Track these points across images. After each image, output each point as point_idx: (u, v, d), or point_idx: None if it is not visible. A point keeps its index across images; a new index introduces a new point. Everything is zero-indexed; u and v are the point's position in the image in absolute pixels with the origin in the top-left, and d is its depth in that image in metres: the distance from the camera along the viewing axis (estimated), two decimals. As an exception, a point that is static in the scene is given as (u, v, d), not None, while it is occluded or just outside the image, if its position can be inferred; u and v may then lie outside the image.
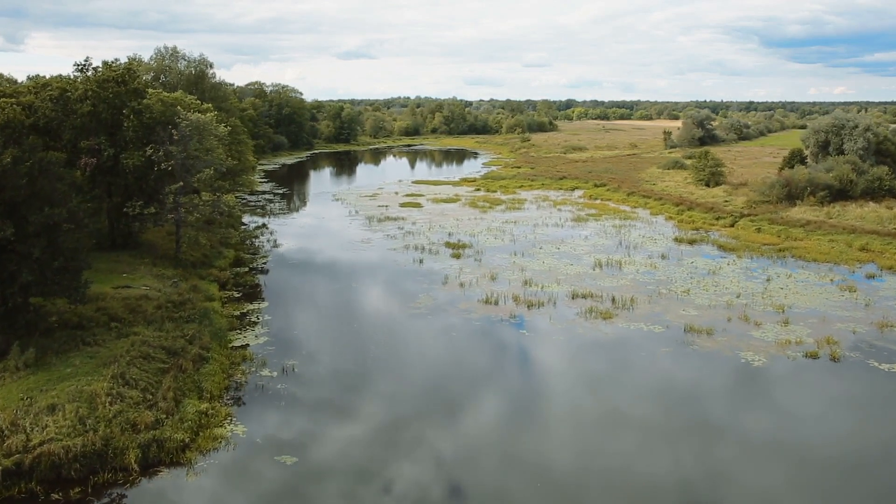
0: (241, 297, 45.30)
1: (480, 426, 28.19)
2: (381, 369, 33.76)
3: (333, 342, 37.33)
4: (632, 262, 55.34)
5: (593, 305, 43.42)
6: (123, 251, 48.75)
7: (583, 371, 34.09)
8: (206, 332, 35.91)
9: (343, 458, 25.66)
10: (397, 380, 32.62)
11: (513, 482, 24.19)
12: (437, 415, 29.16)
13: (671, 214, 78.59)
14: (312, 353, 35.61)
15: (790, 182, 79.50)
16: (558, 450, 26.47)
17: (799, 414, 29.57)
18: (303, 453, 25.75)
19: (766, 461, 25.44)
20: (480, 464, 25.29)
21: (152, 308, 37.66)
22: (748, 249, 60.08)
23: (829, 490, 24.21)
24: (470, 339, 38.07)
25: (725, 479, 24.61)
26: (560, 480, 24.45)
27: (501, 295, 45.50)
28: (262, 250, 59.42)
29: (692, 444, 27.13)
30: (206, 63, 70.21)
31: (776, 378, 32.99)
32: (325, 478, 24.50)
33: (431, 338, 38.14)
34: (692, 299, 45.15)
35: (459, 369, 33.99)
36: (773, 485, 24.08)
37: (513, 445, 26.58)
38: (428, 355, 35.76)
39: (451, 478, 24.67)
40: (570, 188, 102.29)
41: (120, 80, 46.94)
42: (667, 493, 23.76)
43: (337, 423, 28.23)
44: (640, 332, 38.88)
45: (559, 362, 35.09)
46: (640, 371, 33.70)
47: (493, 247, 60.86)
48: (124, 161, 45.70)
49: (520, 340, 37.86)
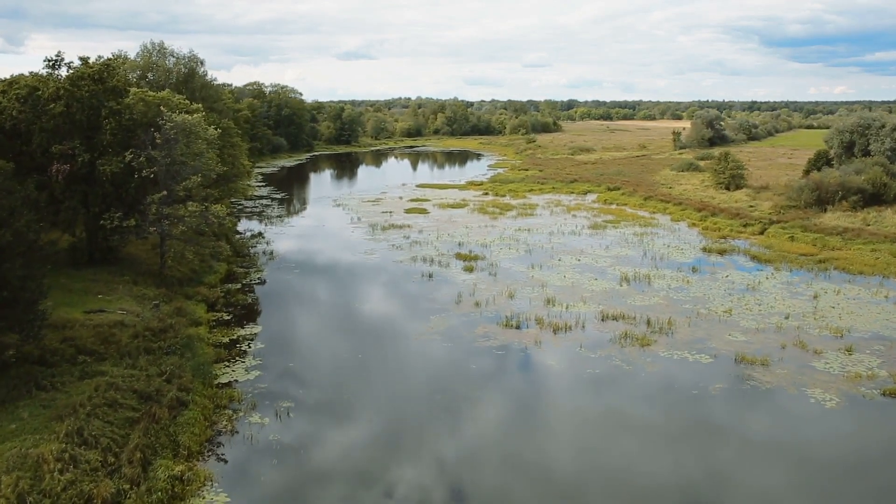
0: (231, 320, 40.45)
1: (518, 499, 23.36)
2: (393, 416, 28.93)
3: (335, 378, 32.48)
4: (661, 275, 50.50)
5: (627, 329, 38.57)
6: (102, 267, 43.92)
7: (630, 420, 29.06)
8: (188, 366, 31.10)
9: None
10: (412, 431, 27.78)
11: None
12: (466, 484, 24.33)
13: (694, 221, 73.72)
14: (311, 393, 30.76)
15: (820, 186, 74.63)
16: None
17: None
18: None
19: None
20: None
21: (127, 337, 32.84)
22: (784, 260, 55.23)
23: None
24: (493, 375, 33.18)
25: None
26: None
27: (522, 316, 40.67)
28: (257, 263, 54.56)
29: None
30: (197, 60, 65.36)
31: (858, 425, 28.11)
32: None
33: (449, 373, 33.24)
34: (736, 321, 40.31)
35: (484, 418, 29.12)
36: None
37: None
38: (447, 397, 30.85)
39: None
40: (583, 192, 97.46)
41: (96, 77, 42.10)
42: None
43: (340, 489, 23.41)
44: (686, 364, 34.02)
45: (600, 408, 29.99)
46: (697, 418, 28.71)
47: (508, 258, 56.03)
48: (101, 167, 40.90)
49: (549, 377, 32.92)
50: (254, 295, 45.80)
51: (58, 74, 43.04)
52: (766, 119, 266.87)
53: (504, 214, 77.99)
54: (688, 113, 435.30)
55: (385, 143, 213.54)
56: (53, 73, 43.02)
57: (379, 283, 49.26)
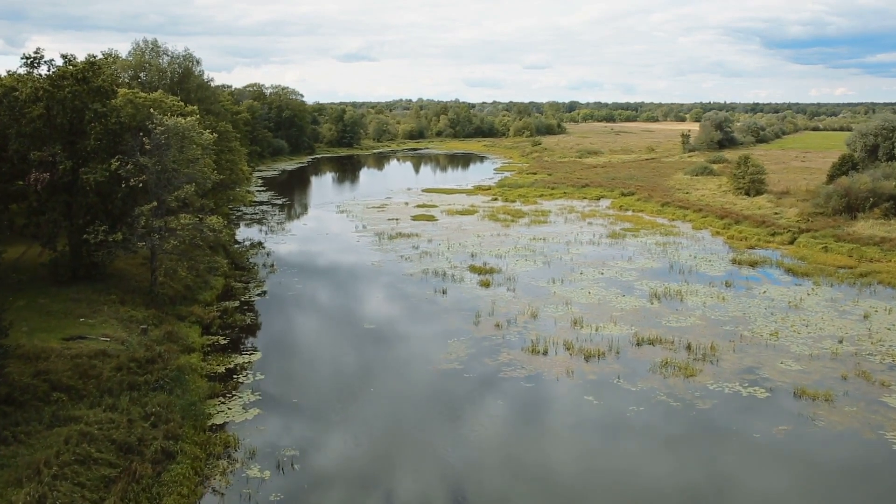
0: (228, 345, 36.63)
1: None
2: (414, 466, 25.12)
3: (346, 418, 28.60)
4: (693, 291, 46.69)
5: (667, 357, 34.73)
6: (86, 285, 40.04)
7: (693, 476, 25.32)
8: (177, 406, 27.28)
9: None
10: (437, 487, 23.98)
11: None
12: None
13: (717, 229, 69.91)
14: (318, 438, 26.92)
15: (849, 192, 70.79)
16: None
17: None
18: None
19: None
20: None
21: (109, 371, 29.01)
22: (822, 274, 51.41)
23: None
24: (526, 417, 29.31)
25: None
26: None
27: (549, 341, 36.84)
28: (256, 277, 50.73)
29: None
30: (193, 59, 61.29)
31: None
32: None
33: (472, 411, 29.40)
34: (785, 346, 36.49)
35: (519, 472, 25.32)
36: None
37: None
38: (473, 444, 27.05)
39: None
40: (595, 197, 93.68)
41: (80, 76, 38.28)
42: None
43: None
44: (739, 399, 30.18)
45: (656, 463, 26.13)
46: (770, 475, 24.93)
47: (526, 271, 52.21)
48: (84, 176, 37.09)
49: (590, 419, 28.87)
50: (253, 315, 41.96)
51: (37, 74, 39.23)
52: (772, 121, 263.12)
53: (516, 222, 74.20)
54: (691, 115, 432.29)
55: (387, 145, 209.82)
56: (32, 73, 39.20)
57: (389, 300, 45.44)
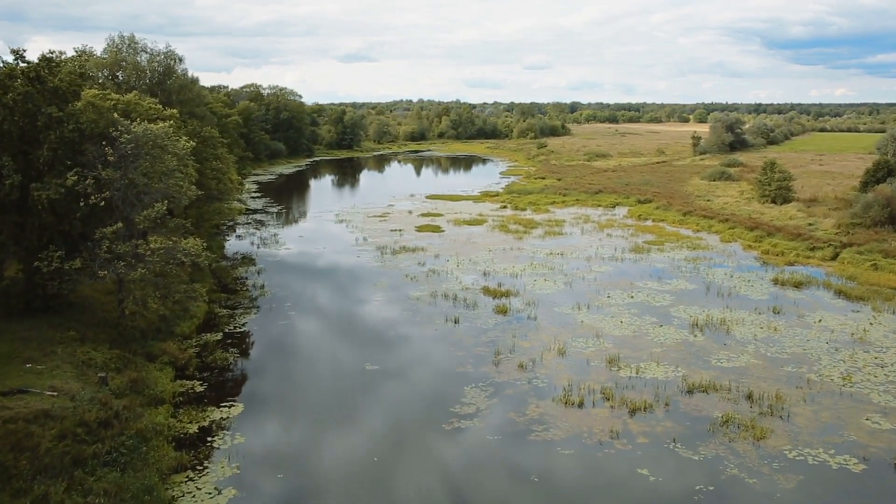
0: (204, 393, 30.96)
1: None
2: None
3: (345, 500, 22.96)
4: (738, 319, 41.10)
5: (727, 410, 29.07)
6: (42, 318, 34.28)
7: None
8: (131, 490, 21.62)
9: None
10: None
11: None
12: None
13: (748, 242, 64.28)
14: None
15: (892, 201, 65.28)
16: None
17: None
18: None
19: None
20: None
21: (51, 440, 23.33)
22: (879, 297, 45.76)
23: None
24: (567, 500, 23.72)
25: None
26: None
27: (584, 387, 31.20)
28: (244, 301, 45.12)
29: None
30: (174, 57, 55.40)
31: None
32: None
33: (503, 494, 23.77)
34: (864, 394, 30.85)
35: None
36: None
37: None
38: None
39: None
40: (611, 205, 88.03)
41: (32, 75, 32.62)
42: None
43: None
44: (830, 473, 24.52)
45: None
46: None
47: (546, 294, 46.58)
48: (36, 193, 31.44)
49: (646, 501, 23.41)
50: (237, 351, 36.28)
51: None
52: (779, 122, 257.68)
53: (529, 233, 68.55)
54: (695, 116, 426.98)
55: (388, 147, 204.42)
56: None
57: (394, 333, 39.66)
